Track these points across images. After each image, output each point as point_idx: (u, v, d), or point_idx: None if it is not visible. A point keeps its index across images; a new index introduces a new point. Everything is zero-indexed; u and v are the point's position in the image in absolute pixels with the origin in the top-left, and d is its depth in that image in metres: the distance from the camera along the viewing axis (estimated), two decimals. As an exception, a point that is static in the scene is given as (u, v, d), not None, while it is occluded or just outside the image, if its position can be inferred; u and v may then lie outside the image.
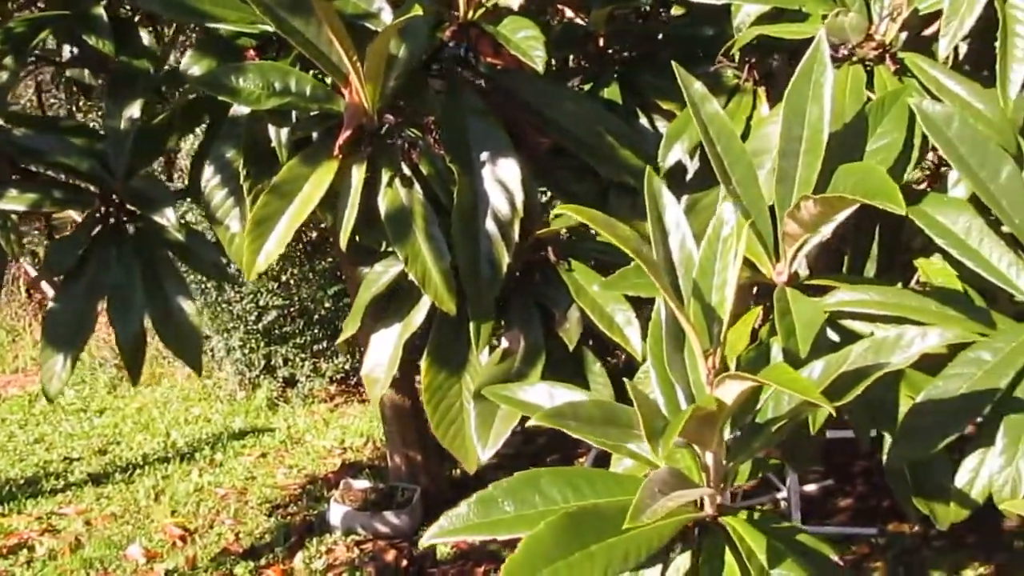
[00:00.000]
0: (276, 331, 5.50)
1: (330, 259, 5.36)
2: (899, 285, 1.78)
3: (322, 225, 4.44)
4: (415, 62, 1.62)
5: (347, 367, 5.49)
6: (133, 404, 5.84)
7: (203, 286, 5.41)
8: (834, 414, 1.06)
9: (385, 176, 1.65)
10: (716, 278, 1.20)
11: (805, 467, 3.16)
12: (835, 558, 1.54)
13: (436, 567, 4.07)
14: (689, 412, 1.01)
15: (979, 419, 1.50)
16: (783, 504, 4.51)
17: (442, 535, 1.34)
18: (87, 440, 5.38)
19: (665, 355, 1.35)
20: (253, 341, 5.51)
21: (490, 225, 1.65)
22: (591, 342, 1.80)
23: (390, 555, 4.17)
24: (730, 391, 1.13)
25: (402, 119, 1.65)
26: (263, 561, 4.16)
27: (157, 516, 4.51)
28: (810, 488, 4.45)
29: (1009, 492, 1.41)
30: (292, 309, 5.47)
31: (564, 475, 1.37)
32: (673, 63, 1.52)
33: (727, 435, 1.36)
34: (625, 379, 1.09)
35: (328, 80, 1.65)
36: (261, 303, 5.42)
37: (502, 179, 1.66)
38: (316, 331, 5.50)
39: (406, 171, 1.64)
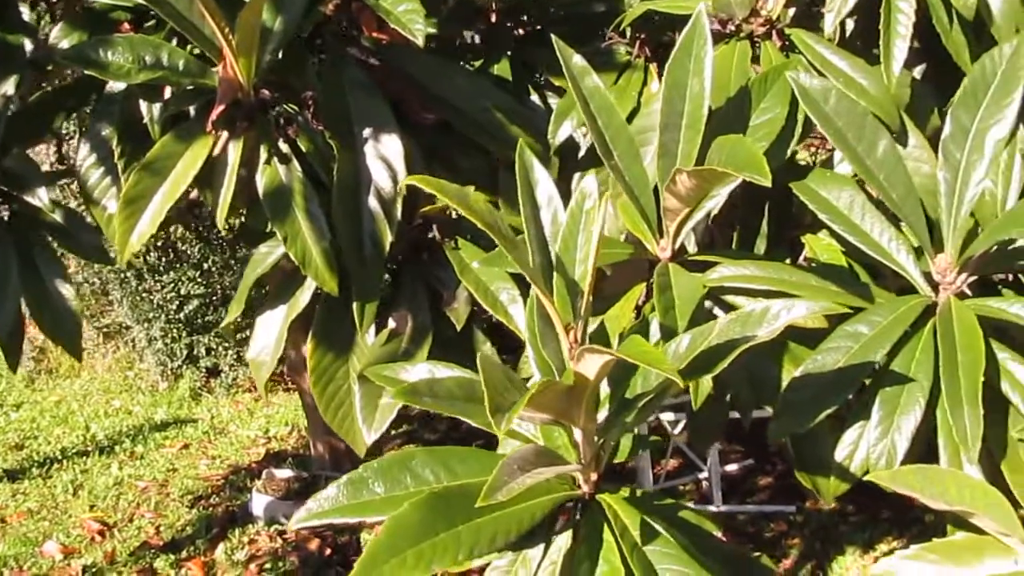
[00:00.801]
0: (199, 320, 5.41)
1: (253, 246, 5.27)
2: (787, 261, 1.78)
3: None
4: (291, 35, 1.58)
5: (271, 356, 5.40)
6: (51, 397, 5.71)
7: (123, 275, 5.30)
8: (681, 385, 1.05)
9: (263, 153, 1.61)
10: (579, 252, 1.18)
11: (708, 445, 3.19)
12: (718, 534, 1.54)
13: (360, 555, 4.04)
14: (536, 388, 0.99)
15: (859, 392, 1.51)
16: (705, 484, 4.55)
17: (310, 518, 1.31)
18: (2, 435, 5.25)
19: (537, 332, 1.33)
20: (175, 331, 5.41)
21: (372, 202, 1.62)
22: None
23: (313, 544, 4.12)
24: (591, 365, 1.11)
25: (279, 94, 1.61)
26: (184, 554, 4.09)
27: (75, 511, 4.42)
28: (731, 468, 4.49)
29: (885, 465, 1.41)
30: (215, 298, 5.37)
31: (437, 455, 1.34)
32: (553, 37, 1.50)
33: (605, 411, 1.35)
34: (480, 354, 1.07)
35: (203, 54, 1.60)
36: (183, 292, 5.32)
37: (385, 156, 1.62)
38: (240, 319, 5.40)
39: (284, 148, 1.60)
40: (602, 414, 1.32)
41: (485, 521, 1.24)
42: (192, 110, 1.65)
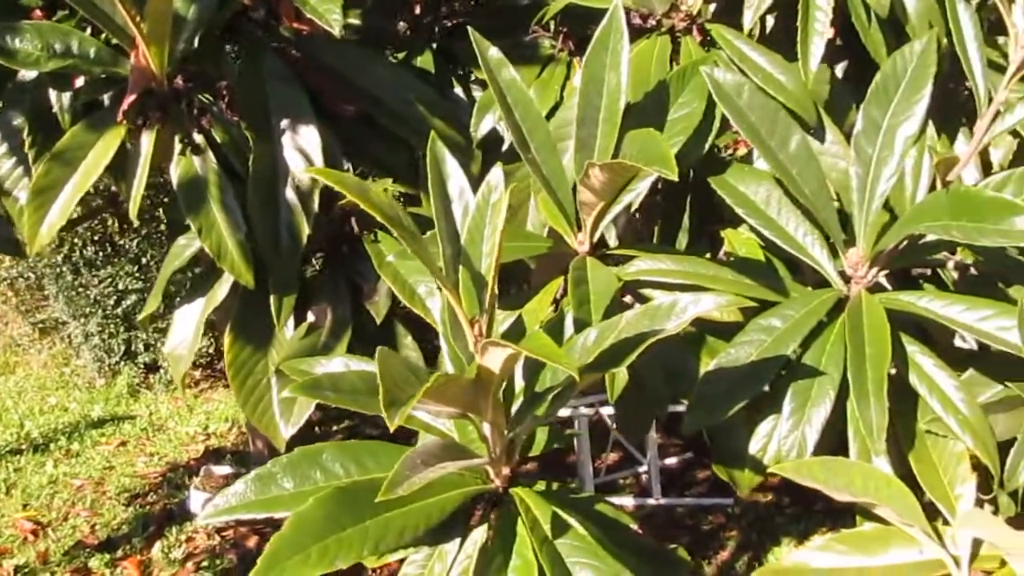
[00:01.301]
0: (137, 315, 5.32)
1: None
2: (708, 255, 1.79)
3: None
4: (205, 24, 1.55)
5: (211, 351, 5.35)
6: (-16, 394, 5.60)
7: (59, 270, 5.21)
8: (577, 379, 1.05)
9: (178, 144, 1.58)
10: (485, 245, 1.17)
11: (638, 437, 3.21)
12: (634, 527, 1.55)
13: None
14: (432, 382, 0.98)
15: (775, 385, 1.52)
16: (644, 478, 4.59)
17: (217, 514, 1.29)
18: (-66, 433, 5.15)
19: (449, 325, 1.32)
20: (112, 326, 5.33)
21: (290, 194, 1.60)
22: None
23: (252, 541, 4.09)
24: (495, 359, 1.10)
25: (194, 84, 1.58)
26: (120, 553, 4.04)
27: (7, 511, 4.34)
28: (670, 462, 4.53)
29: (795, 456, 1.42)
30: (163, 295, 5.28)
31: (348, 449, 1.33)
32: (470, 29, 1.49)
33: (517, 404, 1.35)
34: (380, 348, 1.06)
35: (116, 43, 1.57)
36: (120, 286, 5.25)
37: (303, 147, 1.60)
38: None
39: (199, 139, 1.57)
40: (517, 408, 1.32)
41: (394, 516, 1.23)
42: (106, 99, 1.62)
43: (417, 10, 1.97)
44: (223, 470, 4.35)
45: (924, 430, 1.47)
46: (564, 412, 4.55)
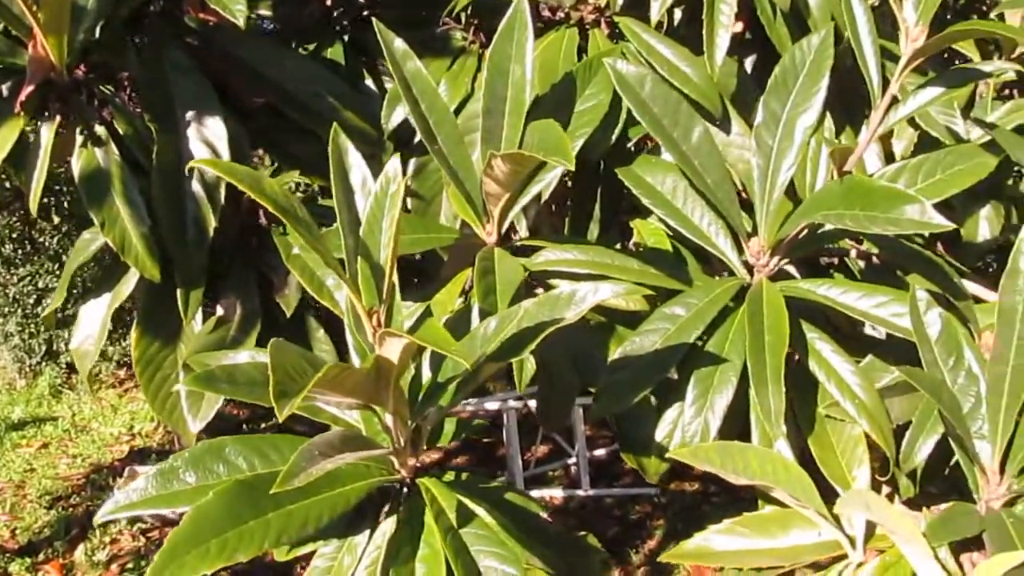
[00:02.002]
0: (58, 314, 5.20)
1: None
2: (618, 245, 1.81)
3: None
4: (106, 14, 1.52)
5: (136, 349, 5.25)
6: (-101, 397, 5.44)
7: (-25, 268, 5.08)
8: (468, 367, 1.05)
9: (79, 136, 1.55)
10: (383, 235, 1.17)
11: (557, 427, 3.23)
12: (544, 515, 1.56)
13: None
14: (324, 373, 0.98)
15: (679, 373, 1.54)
16: (573, 469, 4.62)
17: (117, 511, 1.28)
18: None
19: (352, 317, 1.32)
20: (33, 326, 5.21)
21: (195, 187, 1.58)
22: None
23: (177, 542, 4.02)
24: (393, 349, 1.10)
25: (95, 75, 1.56)
26: (41, 556, 3.96)
27: (-74, 516, 4.23)
28: (599, 453, 4.56)
29: (699, 442, 1.45)
30: (75, 290, 5.17)
31: (251, 442, 1.32)
32: (375, 21, 1.49)
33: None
34: (274, 340, 1.05)
35: (14, 33, 1.53)
36: (40, 285, 5.13)
37: (209, 139, 1.59)
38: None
39: (100, 131, 1.55)
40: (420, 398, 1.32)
41: (296, 508, 1.23)
42: (4, 90, 1.59)
43: (328, 1, 1.96)
44: (148, 470, 4.27)
45: (823, 415, 1.50)
46: (493, 405, 4.56)
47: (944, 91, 1.44)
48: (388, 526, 1.37)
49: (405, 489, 1.39)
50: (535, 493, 4.66)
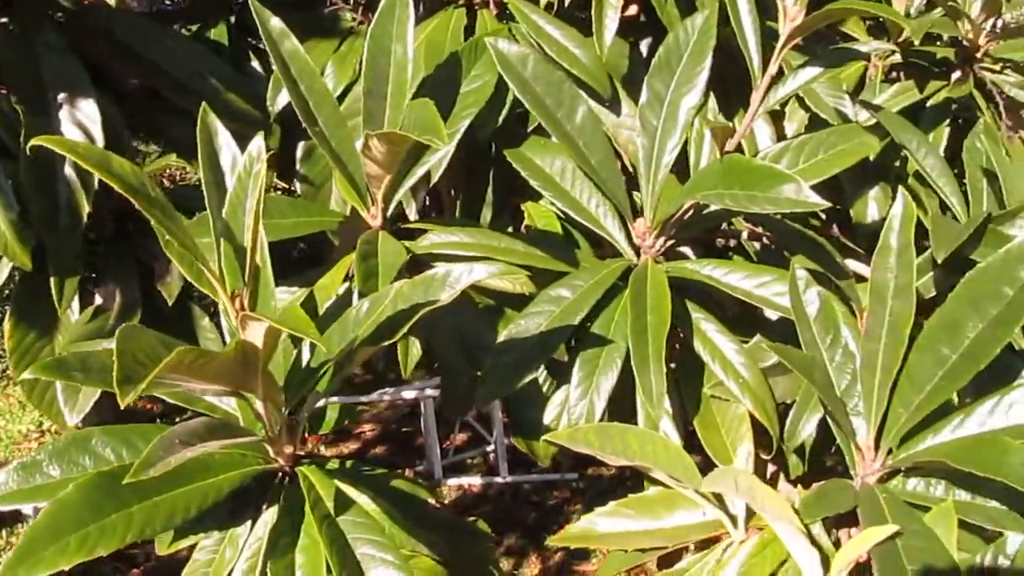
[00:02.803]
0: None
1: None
2: (510, 228, 1.80)
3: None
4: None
5: (43, 343, 5.10)
6: None
7: None
8: (324, 349, 1.03)
9: (-59, 119, 1.49)
10: (247, 217, 1.14)
11: (460, 414, 3.22)
12: (432, 501, 1.54)
13: (138, 547, 3.88)
14: (172, 357, 0.94)
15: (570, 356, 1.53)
16: (492, 456, 4.61)
17: (-27, 507, 1.23)
18: None
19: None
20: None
21: (68, 171, 1.52)
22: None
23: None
24: (256, 333, 1.07)
25: (-44, 56, 1.49)
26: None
27: None
28: (518, 440, 4.56)
29: (585, 424, 1.44)
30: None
31: (118, 433, 1.28)
32: (251, 0, 1.45)
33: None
34: (125, 325, 1.01)
35: None
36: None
37: (82, 122, 1.53)
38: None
39: (-37, 113, 1.48)
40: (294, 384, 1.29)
41: (163, 499, 1.19)
42: None
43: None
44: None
45: (709, 395, 1.51)
46: (410, 394, 4.52)
47: (823, 70, 1.45)
48: (269, 516, 1.34)
49: (287, 479, 1.36)
50: (453, 481, 4.64)
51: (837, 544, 1.25)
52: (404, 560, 1.24)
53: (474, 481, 4.60)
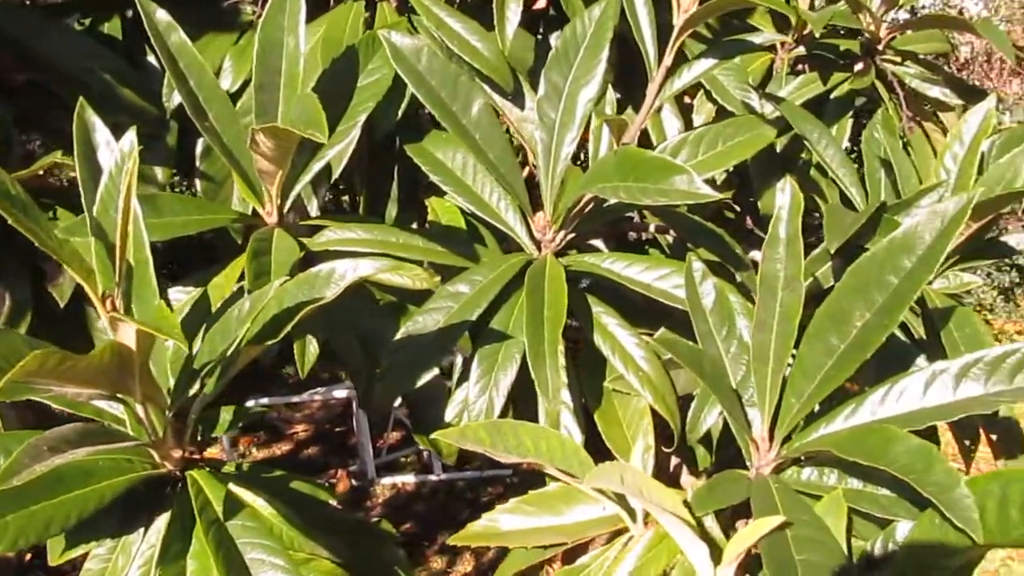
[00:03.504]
0: None
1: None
2: (414, 225, 1.78)
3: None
4: None
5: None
6: None
7: None
8: (184, 348, 1.00)
9: None
10: (118, 215, 1.10)
11: (381, 411, 3.20)
12: (332, 502, 1.52)
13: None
14: (28, 361, 0.90)
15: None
16: (426, 455, 4.60)
17: None
18: None
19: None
20: None
21: (-52, 171, 1.47)
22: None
23: (8, 548, 3.82)
24: (128, 334, 1.04)
25: None
26: None
27: None
28: (450, 438, 4.54)
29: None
30: None
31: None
32: (136, -8, 1.41)
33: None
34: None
35: None
36: None
37: (-38, 119, 1.48)
38: None
39: None
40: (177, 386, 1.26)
41: (40, 508, 1.15)
42: None
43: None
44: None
45: (610, 389, 1.50)
46: (342, 393, 4.49)
47: (717, 62, 1.45)
48: (161, 523, 1.31)
49: (180, 484, 1.33)
50: (387, 480, 4.62)
51: (733, 536, 1.25)
52: (294, 564, 1.21)
53: (408, 479, 4.58)
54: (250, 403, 4.67)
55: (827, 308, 1.23)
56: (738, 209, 2.23)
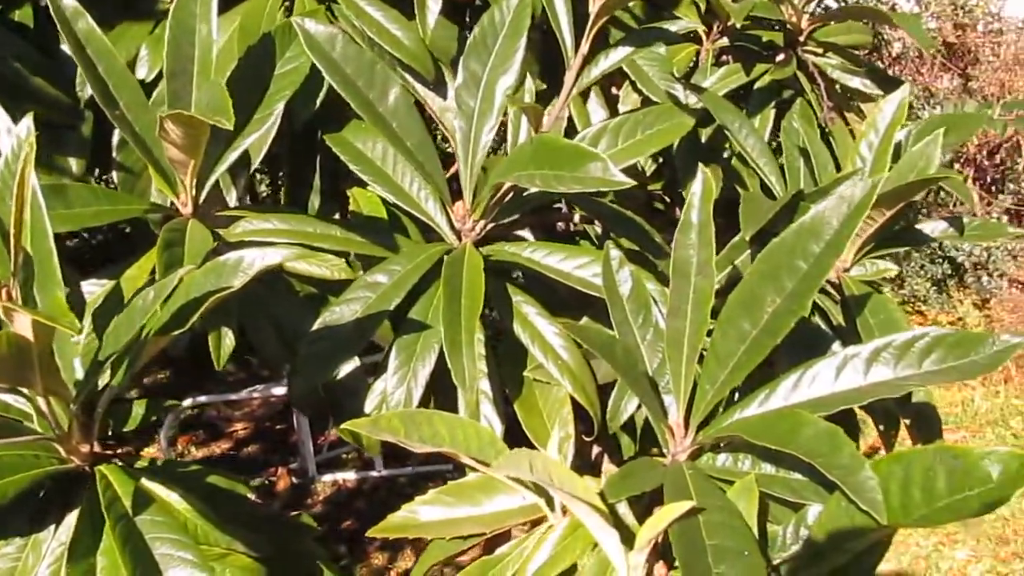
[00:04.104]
0: None
1: None
2: (336, 216, 1.76)
3: None
4: None
5: None
6: None
7: None
8: (76, 333, 0.98)
9: None
10: (13, 203, 1.08)
11: (309, 411, 3.17)
12: (251, 496, 1.50)
13: None
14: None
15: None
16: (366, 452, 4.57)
17: None
18: None
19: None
20: None
21: None
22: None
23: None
24: (24, 325, 1.01)
25: None
26: None
27: None
28: (390, 434, 4.52)
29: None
30: None
31: None
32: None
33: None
34: None
35: None
36: None
37: None
38: None
39: None
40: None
41: (-64, 507, 1.12)
42: None
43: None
44: None
45: (531, 378, 1.50)
46: (281, 391, 4.44)
47: (634, 49, 1.45)
48: (71, 519, 1.28)
49: (91, 480, 1.30)
50: (328, 477, 4.58)
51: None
52: (204, 558, 1.19)
53: (349, 476, 4.55)
54: (187, 402, 4.61)
55: (739, 294, 1.24)
56: (668, 200, 2.24)
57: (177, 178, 1.46)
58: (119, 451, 1.36)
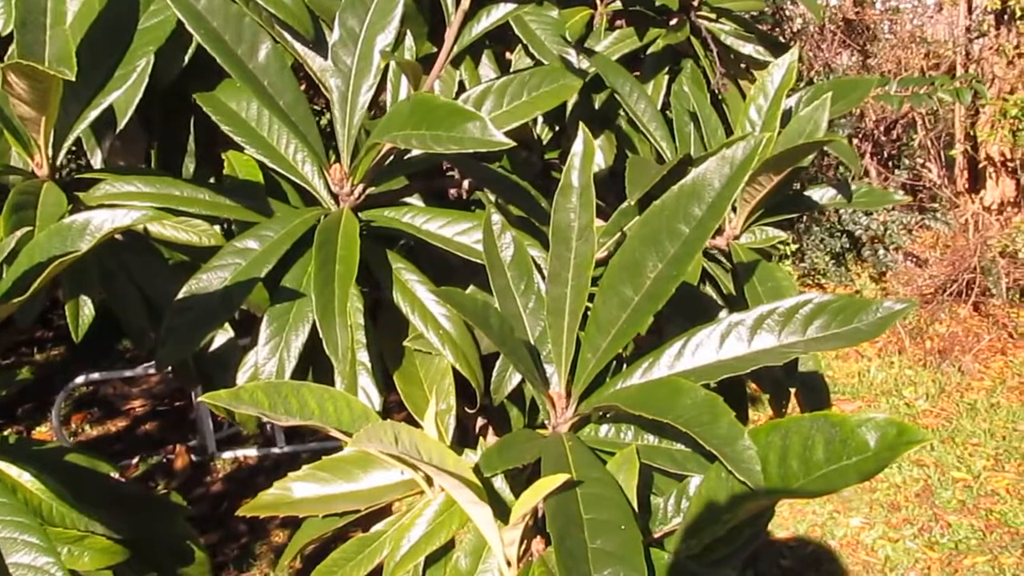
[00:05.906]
0: None
1: None
2: (212, 179, 1.67)
3: None
4: None
5: None
6: None
7: None
8: None
9: None
10: None
11: (192, 384, 3.08)
12: (115, 475, 1.43)
13: None
14: None
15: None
16: (269, 428, 4.46)
17: None
18: None
19: None
20: None
21: None
22: None
23: None
24: None
25: None
26: None
27: None
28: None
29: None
30: None
31: None
32: None
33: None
34: None
35: None
36: None
37: None
38: None
39: None
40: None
41: None
42: None
43: None
44: None
45: (411, 348, 1.44)
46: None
47: (514, 7, 1.40)
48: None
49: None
50: (228, 454, 4.47)
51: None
52: (51, 541, 1.12)
53: (250, 453, 4.44)
54: (80, 379, 4.44)
55: (620, 258, 1.20)
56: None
57: (30, 137, 1.36)
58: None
